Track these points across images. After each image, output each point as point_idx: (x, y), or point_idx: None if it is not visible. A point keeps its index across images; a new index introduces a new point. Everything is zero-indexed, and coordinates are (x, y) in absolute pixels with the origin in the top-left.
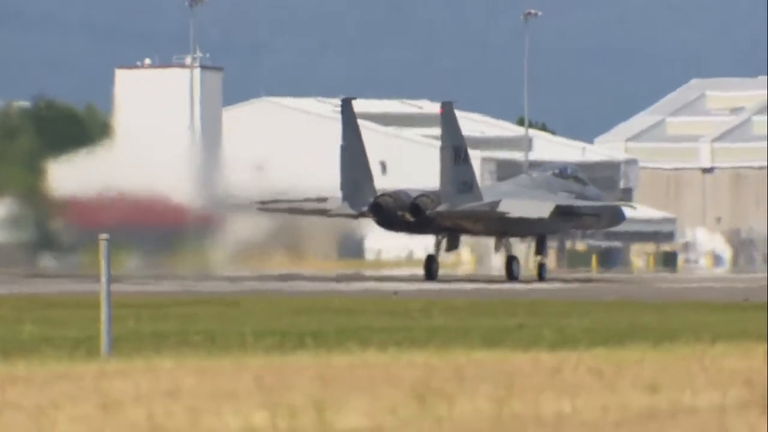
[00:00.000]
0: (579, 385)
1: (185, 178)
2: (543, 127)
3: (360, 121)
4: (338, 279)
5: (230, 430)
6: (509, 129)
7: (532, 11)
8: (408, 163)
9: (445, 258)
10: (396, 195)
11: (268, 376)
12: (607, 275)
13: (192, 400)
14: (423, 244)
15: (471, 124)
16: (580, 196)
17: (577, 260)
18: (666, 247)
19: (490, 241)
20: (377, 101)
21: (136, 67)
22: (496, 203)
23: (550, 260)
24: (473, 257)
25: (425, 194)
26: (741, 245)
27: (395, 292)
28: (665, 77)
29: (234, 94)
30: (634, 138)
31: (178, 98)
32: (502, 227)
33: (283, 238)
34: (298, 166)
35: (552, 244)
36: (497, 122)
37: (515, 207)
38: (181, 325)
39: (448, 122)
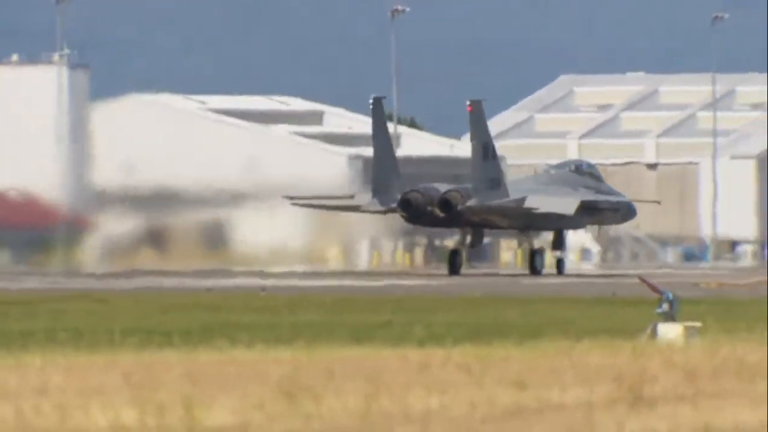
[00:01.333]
0: (447, 381)
1: (53, 176)
2: (412, 123)
3: (226, 118)
4: (206, 275)
5: (99, 427)
6: None
7: (399, 8)
8: (275, 159)
9: (309, 252)
10: (425, 190)
11: (136, 373)
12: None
13: (60, 397)
14: (298, 239)
15: (339, 120)
16: (598, 192)
17: (444, 256)
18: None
19: (358, 235)
20: (244, 98)
21: (2, 63)
22: (523, 199)
23: (418, 256)
24: (341, 251)
25: (454, 189)
26: (609, 241)
27: (263, 288)
28: (534, 73)
29: (102, 92)
30: (503, 134)
31: (45, 96)
32: (526, 222)
33: (152, 236)
34: (167, 163)
35: (421, 240)
36: (366, 119)
37: (542, 203)
38: (49, 323)
39: (476, 120)
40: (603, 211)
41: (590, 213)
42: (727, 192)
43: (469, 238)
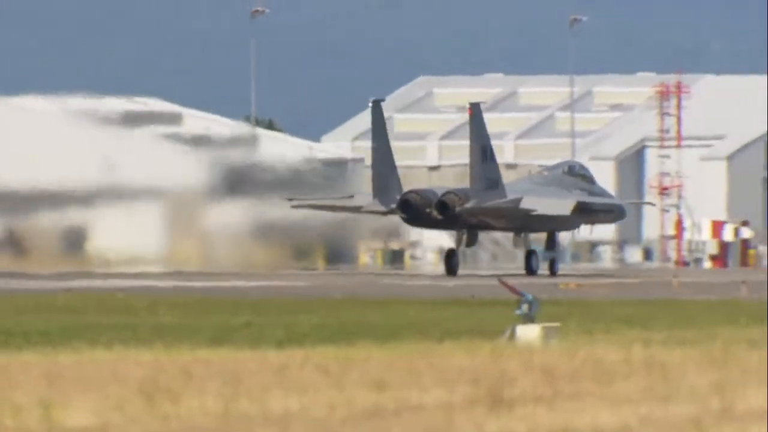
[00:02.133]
0: (306, 382)
1: None
2: (270, 125)
3: (84, 119)
4: (65, 278)
5: None
6: (236, 127)
7: (260, 9)
8: (134, 161)
9: (169, 253)
10: (424, 192)
11: None
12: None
13: None
14: (157, 240)
15: (198, 121)
16: (591, 193)
17: (302, 254)
18: (394, 244)
19: (218, 236)
20: (102, 99)
21: None
22: (519, 200)
23: (278, 256)
24: (200, 253)
25: (452, 191)
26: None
27: (120, 291)
28: (393, 74)
29: None
30: (362, 136)
31: None
32: (523, 223)
33: (9, 239)
34: (24, 166)
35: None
36: (224, 120)
37: (539, 204)
38: None
39: (476, 123)
40: (597, 212)
41: (584, 214)
42: None
43: (465, 239)
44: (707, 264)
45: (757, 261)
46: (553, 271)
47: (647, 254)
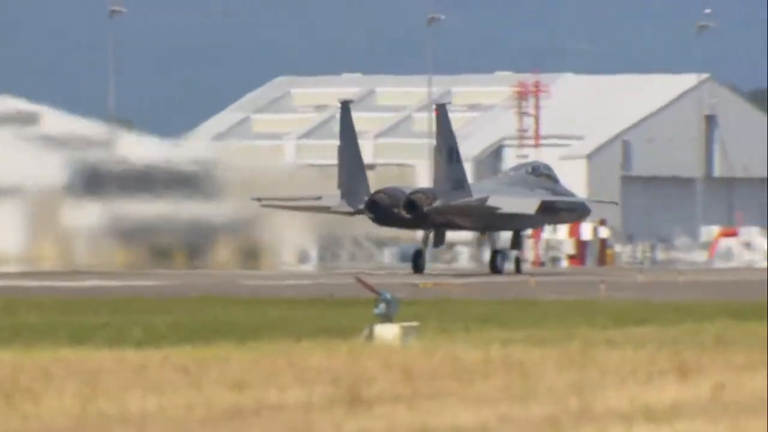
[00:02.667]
0: (164, 382)
1: None
2: (129, 125)
3: None
4: None
5: None
6: (94, 126)
7: (116, 8)
8: None
9: (26, 253)
10: (391, 192)
11: None
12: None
13: None
14: (14, 239)
15: (56, 121)
16: (555, 192)
17: (162, 254)
18: (251, 243)
19: (76, 235)
20: None
21: None
22: (485, 199)
23: (138, 257)
24: (58, 250)
25: (420, 191)
26: (327, 241)
27: None
28: (250, 74)
29: None
30: (220, 136)
31: None
32: (489, 222)
33: None
34: None
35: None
36: (82, 119)
37: (505, 203)
38: None
39: (442, 124)
40: (560, 210)
41: (549, 213)
42: None
43: (432, 239)
44: (565, 263)
45: (615, 260)
46: (518, 269)
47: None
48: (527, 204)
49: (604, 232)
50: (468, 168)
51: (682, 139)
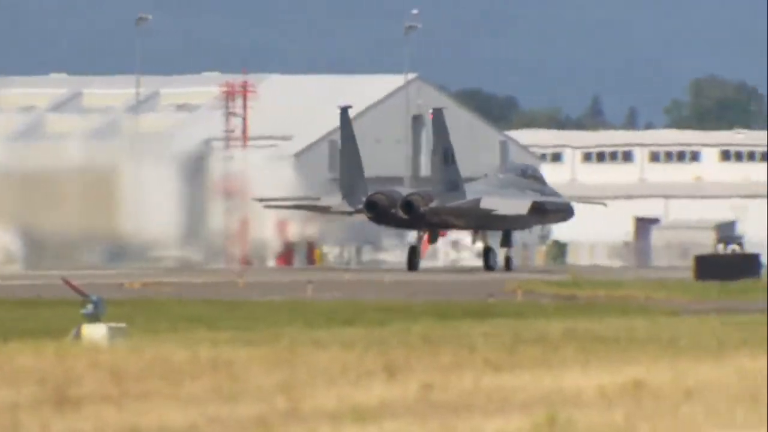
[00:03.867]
0: None
1: None
2: None
3: None
4: None
5: None
6: None
7: None
8: None
9: None
10: (389, 193)
11: None
12: None
13: None
14: None
15: None
16: (543, 194)
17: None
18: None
19: None
20: None
21: None
22: (478, 200)
23: None
24: None
25: (416, 192)
26: (32, 242)
27: None
28: None
29: None
30: None
31: None
32: (481, 222)
33: None
34: None
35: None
36: None
37: (498, 204)
38: None
39: (438, 127)
40: (549, 211)
41: (539, 213)
42: (154, 193)
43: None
44: (272, 263)
45: (323, 260)
46: (509, 267)
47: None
48: (519, 205)
49: (311, 232)
50: (173, 169)
51: (390, 139)
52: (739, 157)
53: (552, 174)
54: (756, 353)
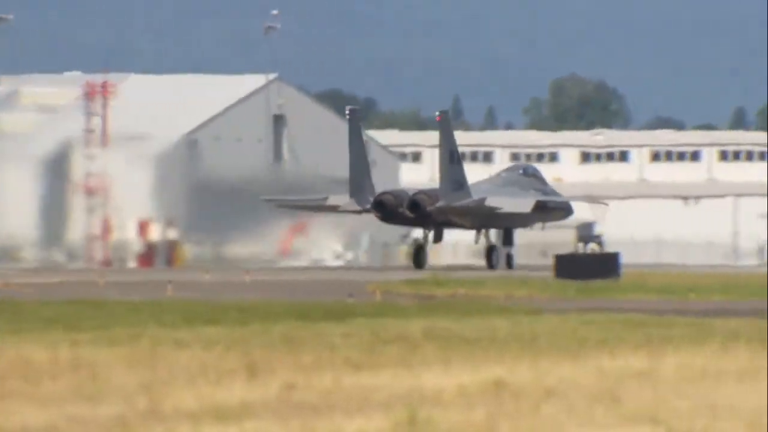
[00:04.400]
0: None
1: None
2: None
3: None
4: None
5: None
6: None
7: None
8: None
9: None
10: (396, 193)
11: None
12: None
13: None
14: None
15: None
16: (544, 193)
17: None
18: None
19: None
20: None
21: None
22: (483, 199)
23: None
24: None
25: (422, 192)
26: None
27: None
28: None
29: None
30: None
31: None
32: (486, 221)
33: None
34: None
35: None
36: None
37: (503, 203)
38: None
39: (444, 129)
40: (551, 210)
41: (541, 212)
42: (14, 194)
43: (432, 236)
44: (133, 264)
45: (184, 260)
46: (510, 265)
47: (72, 254)
48: (523, 204)
49: (172, 233)
50: (33, 169)
51: (251, 139)
52: (598, 158)
53: (412, 174)
54: (615, 352)
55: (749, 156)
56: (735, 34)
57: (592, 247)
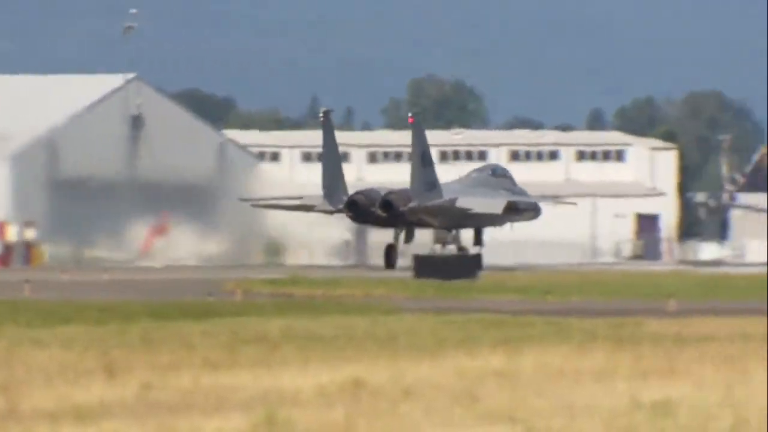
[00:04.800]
0: None
1: None
2: None
3: None
4: None
5: None
6: None
7: None
8: None
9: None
10: (368, 193)
11: None
12: None
13: None
14: None
15: None
16: (514, 193)
17: None
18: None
19: None
20: None
21: None
22: (454, 200)
23: None
24: None
25: (395, 192)
26: None
27: None
28: None
29: None
30: None
31: None
32: (457, 221)
33: None
34: None
35: None
36: None
37: (474, 203)
38: None
39: (417, 130)
40: (521, 210)
41: (511, 212)
42: None
43: (403, 236)
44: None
45: (42, 260)
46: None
47: None
48: (495, 204)
49: (30, 233)
50: None
51: (109, 140)
52: (457, 157)
53: (270, 173)
54: (474, 352)
55: (606, 156)
56: (592, 34)
57: (451, 248)
